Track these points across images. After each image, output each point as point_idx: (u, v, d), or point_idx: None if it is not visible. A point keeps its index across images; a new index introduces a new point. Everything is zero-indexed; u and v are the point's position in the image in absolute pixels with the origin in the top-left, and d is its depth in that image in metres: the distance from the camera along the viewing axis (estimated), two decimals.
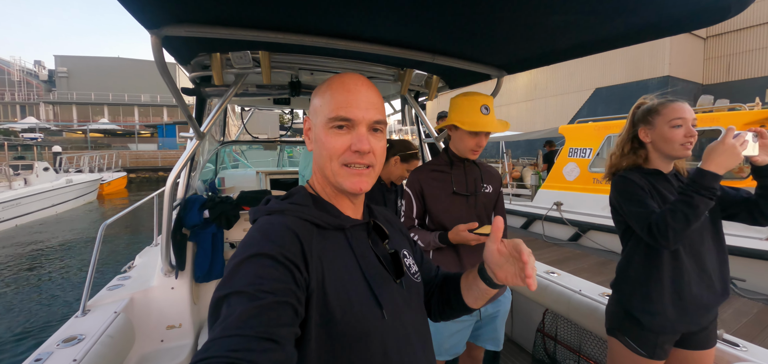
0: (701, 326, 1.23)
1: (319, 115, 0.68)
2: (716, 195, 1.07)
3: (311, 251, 0.59)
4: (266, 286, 0.50)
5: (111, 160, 20.87)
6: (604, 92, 17.02)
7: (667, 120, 1.22)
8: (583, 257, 5.38)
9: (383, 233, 0.76)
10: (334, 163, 0.66)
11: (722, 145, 1.08)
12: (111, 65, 41.49)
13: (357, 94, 0.66)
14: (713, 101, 5.93)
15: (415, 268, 0.81)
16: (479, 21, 1.08)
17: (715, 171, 1.07)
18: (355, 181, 0.66)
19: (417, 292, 0.77)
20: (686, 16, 0.99)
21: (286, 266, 0.54)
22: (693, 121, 1.21)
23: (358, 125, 0.65)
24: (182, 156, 1.69)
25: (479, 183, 1.49)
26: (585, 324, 1.90)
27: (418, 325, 0.72)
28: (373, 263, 0.69)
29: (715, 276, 1.22)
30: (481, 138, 1.40)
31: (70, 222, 11.49)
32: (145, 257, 2.39)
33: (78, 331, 1.45)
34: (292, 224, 0.61)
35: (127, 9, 0.88)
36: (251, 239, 0.57)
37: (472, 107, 1.39)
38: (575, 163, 6.60)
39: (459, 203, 1.45)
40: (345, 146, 0.65)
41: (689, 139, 1.20)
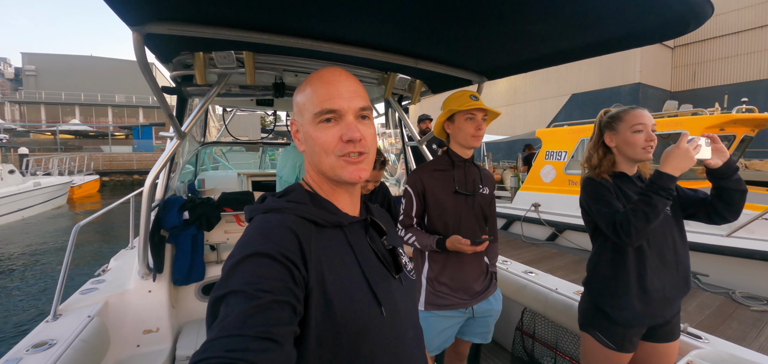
0: (665, 319, 1.31)
1: (305, 113, 0.67)
2: (672, 195, 1.16)
3: (310, 249, 0.59)
4: (264, 285, 0.50)
5: (82, 163, 19.99)
6: (581, 98, 17.67)
7: (629, 126, 1.31)
8: (559, 256, 5.56)
9: (381, 230, 0.76)
10: (331, 157, 0.65)
11: (677, 150, 1.17)
12: (83, 64, 39.72)
13: (338, 84, 0.65)
14: (678, 106, 6.26)
15: (410, 265, 0.82)
16: (461, 28, 1.12)
17: (671, 173, 1.16)
18: (353, 170, 0.65)
19: (412, 288, 0.79)
20: (651, 29, 1.06)
21: (284, 264, 0.54)
22: (652, 127, 1.30)
23: (344, 115, 0.65)
24: (162, 156, 1.66)
25: (478, 184, 1.54)
26: (561, 321, 1.97)
27: (413, 321, 0.73)
28: (372, 259, 0.69)
29: (677, 271, 1.30)
30: (479, 122, 1.43)
31: (38, 227, 10.92)
32: (120, 260, 2.32)
33: (49, 336, 1.39)
34: (290, 222, 0.60)
35: (110, 5, 0.87)
36: (249, 238, 0.56)
37: (463, 96, 1.44)
38: (552, 166, 6.82)
39: (460, 202, 1.49)
40: (336, 138, 0.64)
41: (650, 143, 1.29)
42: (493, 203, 1.65)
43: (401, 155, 3.09)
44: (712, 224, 1.31)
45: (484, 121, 1.45)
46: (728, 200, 1.23)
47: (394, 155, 5.31)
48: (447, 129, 1.52)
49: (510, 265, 2.45)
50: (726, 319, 3.47)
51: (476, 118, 1.43)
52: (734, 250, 4.49)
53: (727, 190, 1.22)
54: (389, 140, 5.49)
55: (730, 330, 3.24)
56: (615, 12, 0.96)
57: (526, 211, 6.89)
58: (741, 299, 3.88)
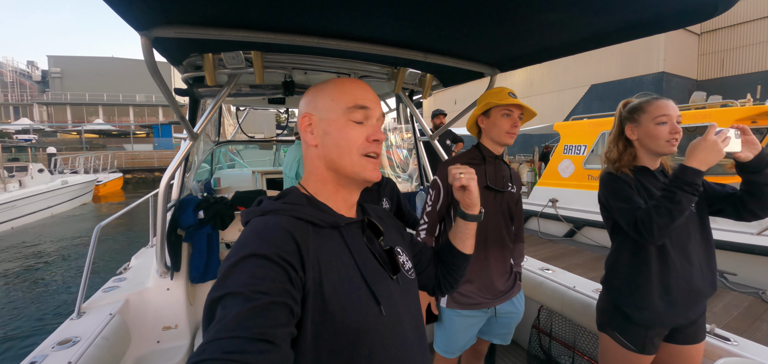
0: (690, 320, 1.25)
1: (333, 109, 0.69)
2: (699, 191, 1.09)
3: (307, 250, 0.59)
4: (261, 286, 0.50)
5: (107, 161, 20.73)
6: (600, 89, 17.10)
7: (652, 117, 1.24)
8: (577, 253, 5.42)
9: (378, 230, 0.76)
10: (355, 155, 0.68)
11: (704, 142, 1.10)
12: (105, 65, 41.17)
13: (368, 91, 0.72)
14: (706, 98, 5.98)
15: (409, 265, 0.82)
16: (471, 19, 1.08)
17: (697, 167, 1.09)
18: (373, 170, 0.70)
19: (412, 288, 0.78)
20: (674, 13, 1.00)
21: (281, 265, 0.54)
22: (677, 118, 1.23)
23: (371, 117, 0.70)
24: (176, 157, 1.69)
25: (507, 181, 1.52)
26: (579, 320, 1.92)
27: (414, 320, 0.73)
28: (369, 260, 0.69)
29: (702, 270, 1.23)
30: (515, 119, 1.42)
31: (65, 224, 11.42)
32: (140, 259, 2.39)
33: (73, 333, 1.45)
34: (287, 224, 0.61)
35: (116, 11, 0.88)
36: (245, 240, 0.57)
37: (502, 91, 1.44)
38: (570, 160, 6.64)
39: (488, 198, 1.47)
40: (363, 137, 0.68)
41: (674, 135, 1.22)
42: (520, 203, 1.62)
43: (413, 151, 3.06)
44: (741, 221, 1.24)
45: (520, 119, 1.44)
46: (759, 196, 1.15)
47: (406, 151, 5.28)
48: (480, 123, 1.51)
49: (526, 261, 2.40)
50: (755, 320, 3.31)
51: (513, 115, 1.42)
52: (765, 249, 4.26)
53: (758, 185, 1.14)
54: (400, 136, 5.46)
55: (760, 333, 3.09)
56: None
57: (544, 206, 6.74)
58: None
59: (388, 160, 5.12)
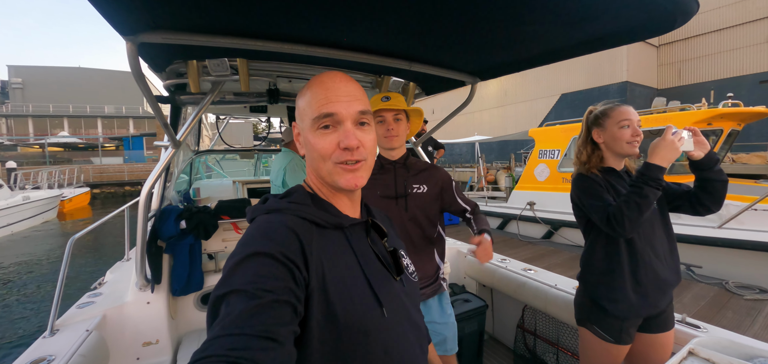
0: (659, 309, 1.34)
1: (305, 117, 0.68)
2: (662, 185, 1.20)
3: (311, 250, 0.59)
4: (266, 284, 0.50)
5: (72, 176, 19.67)
6: (569, 97, 17.93)
7: (615, 122, 1.35)
8: (556, 253, 5.60)
9: (382, 232, 0.76)
10: (328, 164, 0.66)
11: (663, 141, 1.22)
12: (71, 75, 39.20)
13: (336, 89, 0.66)
14: (666, 103, 6.38)
15: (412, 267, 0.82)
16: (453, 29, 1.13)
17: (659, 163, 1.20)
18: (349, 178, 0.66)
19: (414, 290, 0.78)
20: (639, 26, 1.09)
21: (285, 264, 0.54)
22: (638, 122, 1.35)
23: (343, 121, 0.65)
24: (157, 165, 1.65)
25: (411, 184, 1.49)
26: (562, 317, 1.99)
27: (416, 323, 0.73)
28: (373, 261, 0.69)
29: (667, 262, 1.33)
30: (389, 123, 1.41)
31: (28, 242, 10.70)
32: (116, 273, 2.28)
33: (47, 351, 1.37)
34: (291, 223, 0.60)
35: (103, 15, 0.86)
36: (250, 238, 0.57)
37: (375, 100, 1.44)
38: (545, 164, 6.90)
39: (386, 205, 1.46)
40: (333, 145, 0.65)
41: (636, 138, 1.33)
42: (447, 197, 1.55)
43: None
44: (697, 215, 1.36)
45: (398, 121, 1.42)
46: (711, 191, 1.27)
47: None
48: None
49: (509, 263, 2.47)
50: (721, 309, 3.53)
51: (386, 120, 1.42)
52: (726, 241, 4.57)
53: (709, 181, 1.26)
54: None
55: (726, 319, 3.28)
56: (605, 10, 0.98)
57: (522, 210, 6.94)
58: (734, 288, 3.95)
59: None
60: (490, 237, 1.41)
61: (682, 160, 5.21)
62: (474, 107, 22.06)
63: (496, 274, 2.41)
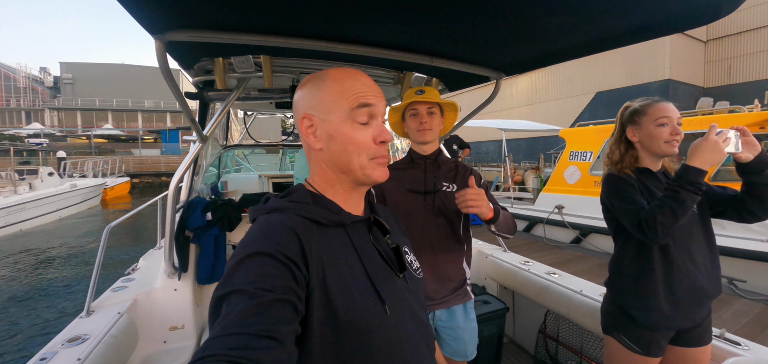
0: (695, 322, 1.25)
1: (335, 110, 0.66)
2: (701, 190, 1.10)
3: (311, 249, 0.59)
4: (266, 284, 0.50)
5: (114, 166, 20.98)
6: (605, 96, 17.05)
7: (652, 119, 1.26)
8: (584, 259, 5.38)
9: (384, 228, 0.76)
10: (363, 157, 0.66)
11: (706, 142, 1.12)
12: (115, 71, 41.87)
13: (369, 84, 0.67)
14: (713, 104, 5.95)
15: (416, 264, 0.81)
16: (476, 23, 1.10)
17: (699, 166, 1.10)
18: (382, 172, 0.69)
19: (419, 287, 0.77)
20: (677, 16, 1.01)
21: (285, 264, 0.54)
22: (678, 120, 1.25)
23: (377, 116, 0.67)
24: (185, 159, 1.72)
25: (441, 182, 1.45)
26: (586, 324, 1.91)
27: (420, 320, 0.72)
28: (375, 258, 0.68)
29: (706, 272, 1.23)
30: (423, 117, 1.39)
31: (74, 227, 11.55)
32: (148, 260, 2.41)
33: (82, 331, 1.47)
34: (291, 222, 0.61)
35: (133, 15, 0.91)
36: (250, 238, 0.57)
37: (409, 93, 1.42)
38: (576, 167, 6.61)
39: (413, 200, 1.43)
40: (371, 139, 0.66)
41: (675, 136, 1.24)
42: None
43: None
44: (742, 223, 1.25)
45: (431, 115, 1.39)
46: (759, 197, 1.16)
47: None
48: (405, 128, 1.50)
49: (532, 265, 2.39)
50: (766, 327, 3.26)
51: (419, 113, 1.40)
52: None
53: (758, 185, 1.15)
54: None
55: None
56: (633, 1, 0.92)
57: (549, 213, 6.70)
58: None
59: None
60: (497, 209, 1.31)
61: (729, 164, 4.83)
62: (502, 105, 21.52)
63: (518, 276, 2.34)
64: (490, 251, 2.68)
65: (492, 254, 2.64)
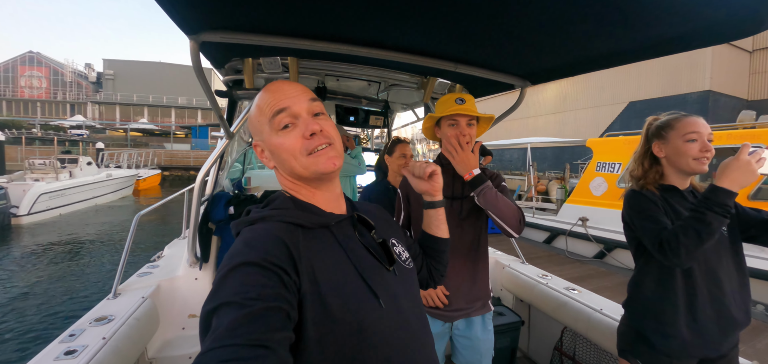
0: (720, 352, 1.17)
1: (262, 126, 0.69)
2: (730, 213, 1.03)
3: (299, 253, 0.60)
4: (253, 293, 0.50)
5: (147, 158, 22.04)
6: (639, 106, 16.31)
7: (681, 134, 1.19)
8: (607, 275, 5.17)
9: (368, 224, 0.77)
10: (301, 158, 0.67)
11: (737, 162, 1.04)
12: (152, 69, 44.10)
13: (281, 91, 0.69)
14: (756, 117, 5.58)
15: (405, 254, 0.82)
16: (503, 29, 1.08)
17: (728, 188, 1.03)
18: (325, 160, 0.67)
19: (410, 277, 0.78)
20: (716, 27, 0.96)
21: (272, 271, 0.54)
22: (709, 136, 1.17)
23: (299, 115, 0.68)
24: (212, 154, 1.79)
25: (467, 188, 1.40)
26: (605, 345, 1.84)
27: (415, 309, 0.73)
28: (363, 254, 0.69)
29: (734, 299, 1.16)
30: (462, 128, 1.36)
31: (107, 213, 12.21)
32: (173, 248, 2.52)
33: (108, 312, 1.55)
34: (275, 229, 0.61)
35: (170, 16, 0.96)
36: (235, 250, 0.57)
37: (449, 100, 1.39)
38: (603, 178, 6.38)
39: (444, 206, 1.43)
40: (299, 139, 0.67)
41: (705, 153, 1.16)
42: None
43: None
44: None
45: (471, 126, 1.36)
46: None
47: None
48: (437, 134, 1.48)
49: (551, 279, 2.33)
50: None
51: (459, 124, 1.36)
52: None
53: None
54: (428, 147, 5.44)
55: None
56: (673, 8, 0.88)
57: (573, 225, 6.48)
58: None
59: None
60: (487, 181, 1.30)
61: None
62: (529, 112, 21.00)
63: (535, 289, 2.28)
64: (507, 262, 2.62)
65: (509, 265, 2.58)
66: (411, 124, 3.33)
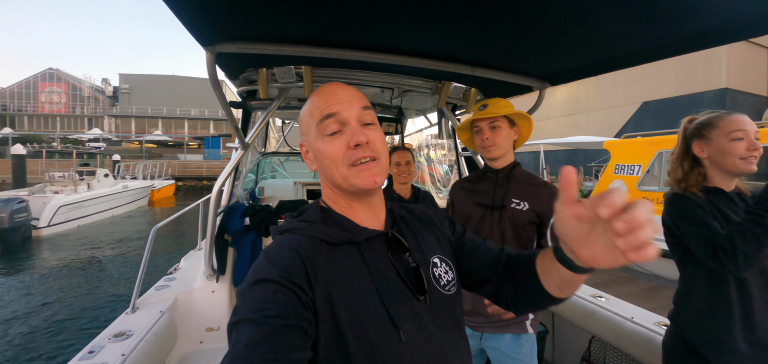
0: None
1: (309, 128, 0.67)
2: None
3: (316, 270, 0.58)
4: (271, 311, 0.50)
5: (162, 169, 22.49)
6: (653, 106, 15.99)
7: (725, 133, 1.12)
8: (630, 281, 5.01)
9: (403, 246, 0.69)
10: (342, 168, 0.64)
11: None
12: (166, 82, 45.30)
13: (334, 94, 0.66)
14: None
15: (448, 277, 0.71)
16: (521, 30, 1.05)
17: None
18: (367, 176, 0.63)
19: (450, 304, 0.69)
20: (740, 24, 0.92)
21: (289, 288, 0.54)
22: (756, 134, 1.11)
23: (348, 122, 0.64)
24: (228, 165, 1.78)
25: (511, 197, 1.37)
26: (638, 356, 1.75)
27: (449, 345, 0.64)
28: (392, 278, 0.63)
29: None
30: (485, 133, 1.34)
31: (124, 224, 12.44)
32: (189, 260, 2.52)
33: (127, 327, 1.54)
34: (297, 243, 0.60)
35: (187, 27, 0.95)
36: (258, 265, 0.58)
37: (475, 107, 1.41)
38: (622, 181, 6.21)
39: (481, 214, 1.40)
40: (343, 147, 0.63)
41: (753, 152, 1.09)
42: (533, 222, 1.40)
43: (454, 166, 3.02)
44: None
45: (494, 129, 1.33)
46: None
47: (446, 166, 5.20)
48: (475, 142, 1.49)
49: None
50: None
51: (481, 129, 1.35)
52: None
53: None
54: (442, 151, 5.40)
55: None
56: (698, 5, 0.84)
57: None
58: None
59: (430, 176, 5.09)
60: None
61: None
62: (539, 115, 20.57)
63: None
64: None
65: None
66: (424, 129, 3.30)
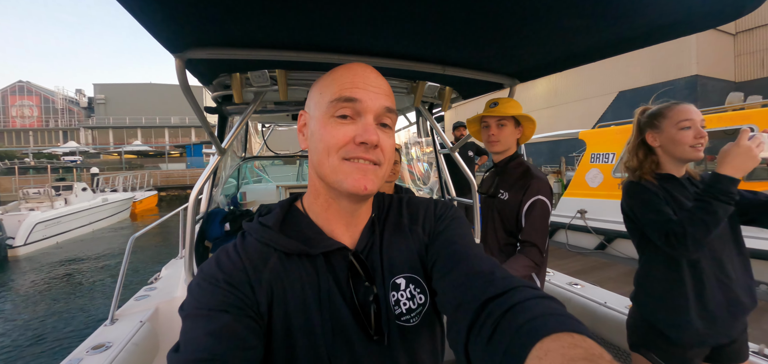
0: (731, 338, 1.17)
1: (321, 102, 0.57)
2: (734, 199, 1.04)
3: (260, 280, 0.53)
4: (213, 307, 0.50)
5: (143, 180, 21.91)
6: (628, 95, 16.48)
7: (674, 123, 1.20)
8: (609, 266, 5.17)
9: (368, 273, 0.59)
10: (333, 158, 0.54)
11: (737, 148, 1.05)
12: (144, 90, 44.10)
13: (365, 77, 0.56)
14: (744, 98, 5.65)
15: (411, 304, 0.59)
16: (488, 29, 1.09)
17: (731, 175, 1.04)
18: (358, 178, 0.53)
19: (407, 342, 0.58)
20: (696, 16, 0.97)
21: (228, 290, 0.52)
22: (701, 122, 1.19)
23: (365, 114, 0.54)
24: (204, 171, 1.77)
25: (499, 189, 1.53)
26: (612, 339, 1.82)
27: None
28: (341, 308, 0.55)
29: (739, 284, 1.16)
30: (492, 130, 1.51)
31: (104, 239, 12.08)
32: (170, 269, 2.49)
33: (106, 338, 1.52)
34: (248, 248, 0.56)
35: (154, 35, 0.95)
36: (207, 263, 0.56)
37: (486, 104, 1.55)
38: (598, 169, 6.40)
39: (485, 203, 1.57)
40: (347, 137, 0.53)
41: (699, 140, 1.17)
42: (516, 214, 1.47)
43: (434, 164, 3.07)
44: None
45: (501, 127, 1.50)
46: None
47: (426, 164, 5.28)
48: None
49: (553, 276, 2.31)
50: None
51: (489, 125, 1.51)
52: None
53: None
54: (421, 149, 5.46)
55: None
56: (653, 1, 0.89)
57: (572, 218, 6.50)
58: None
59: (409, 174, 5.13)
60: None
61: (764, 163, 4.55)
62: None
63: None
64: None
65: None
66: (402, 129, 3.34)
